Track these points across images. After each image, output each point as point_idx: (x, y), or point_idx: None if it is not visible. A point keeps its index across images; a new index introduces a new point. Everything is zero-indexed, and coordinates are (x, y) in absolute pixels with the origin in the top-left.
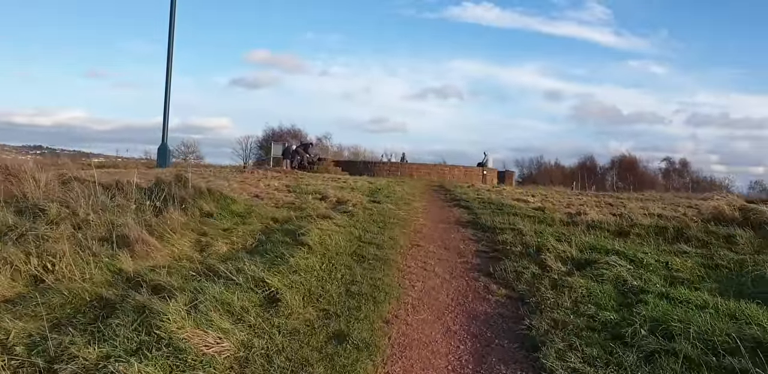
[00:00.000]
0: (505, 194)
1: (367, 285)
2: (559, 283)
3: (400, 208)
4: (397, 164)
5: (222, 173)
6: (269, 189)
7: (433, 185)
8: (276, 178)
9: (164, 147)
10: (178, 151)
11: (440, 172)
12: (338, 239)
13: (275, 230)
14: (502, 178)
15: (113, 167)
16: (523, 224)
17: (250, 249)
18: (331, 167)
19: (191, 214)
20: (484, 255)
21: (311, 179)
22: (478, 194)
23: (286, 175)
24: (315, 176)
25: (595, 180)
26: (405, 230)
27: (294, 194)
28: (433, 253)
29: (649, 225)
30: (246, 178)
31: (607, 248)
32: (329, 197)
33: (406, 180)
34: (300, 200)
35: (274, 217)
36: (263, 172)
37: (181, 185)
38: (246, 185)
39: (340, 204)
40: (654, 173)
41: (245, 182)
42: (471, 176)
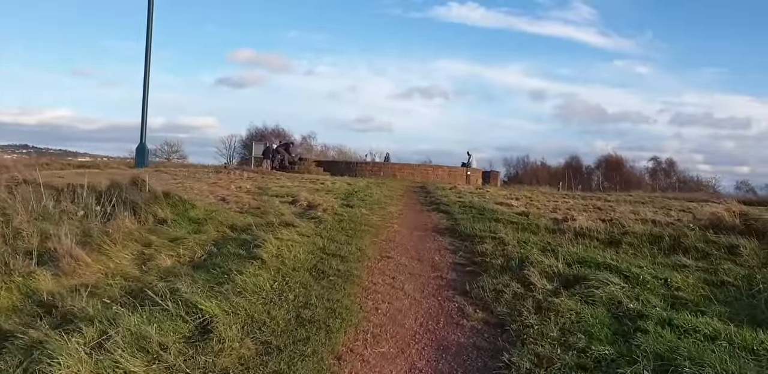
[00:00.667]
0: (488, 196)
1: (322, 308)
2: (544, 305)
3: (375, 213)
4: (379, 165)
5: (198, 173)
6: (239, 192)
7: (414, 187)
8: (251, 179)
9: (142, 147)
10: (162, 150)
11: (423, 172)
12: (298, 250)
13: (230, 240)
14: (487, 178)
15: (93, 167)
16: (506, 231)
17: (197, 263)
18: (313, 168)
19: (144, 221)
20: (461, 269)
21: (288, 181)
22: (460, 197)
23: (263, 176)
24: (293, 176)
25: (581, 180)
26: (376, 239)
27: (264, 198)
28: (405, 266)
29: (643, 233)
30: (220, 179)
31: (597, 261)
32: (299, 201)
33: (387, 181)
34: (267, 205)
35: (233, 224)
36: (240, 173)
37: (137, 188)
38: (216, 187)
39: (310, 208)
40: (640, 173)
41: (217, 183)
42: (455, 177)
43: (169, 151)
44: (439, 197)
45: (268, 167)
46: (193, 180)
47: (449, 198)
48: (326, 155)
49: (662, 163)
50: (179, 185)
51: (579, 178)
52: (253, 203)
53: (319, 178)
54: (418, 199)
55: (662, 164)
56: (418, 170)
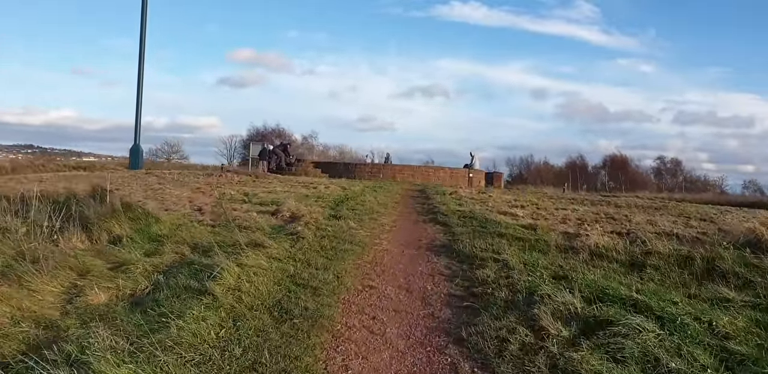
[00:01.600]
0: (491, 203)
1: (274, 370)
2: (560, 364)
3: (364, 226)
4: (379, 166)
5: (189, 176)
6: (222, 199)
7: (413, 191)
8: (241, 183)
9: (136, 148)
10: (162, 151)
11: (424, 174)
12: (262, 281)
13: (186, 266)
14: (490, 179)
15: (89, 168)
16: (510, 251)
17: (138, 298)
18: (311, 169)
19: (96, 239)
20: (457, 303)
21: (279, 185)
22: (460, 205)
23: (255, 179)
24: (287, 180)
25: (586, 179)
26: (360, 261)
27: (246, 206)
28: (389, 299)
29: (669, 254)
30: (208, 183)
31: (621, 295)
32: (282, 212)
33: (386, 184)
34: (244, 217)
35: (196, 244)
36: (232, 176)
37: (97, 199)
38: (198, 194)
39: (292, 220)
40: (646, 173)
41: (201, 189)
42: (457, 178)
43: (169, 151)
44: (437, 204)
45: (264, 169)
46: (178, 185)
47: (448, 206)
48: (327, 156)
49: (668, 162)
50: (160, 191)
51: (584, 178)
52: (230, 214)
53: (315, 181)
54: (414, 207)
55: (668, 163)
56: (419, 172)
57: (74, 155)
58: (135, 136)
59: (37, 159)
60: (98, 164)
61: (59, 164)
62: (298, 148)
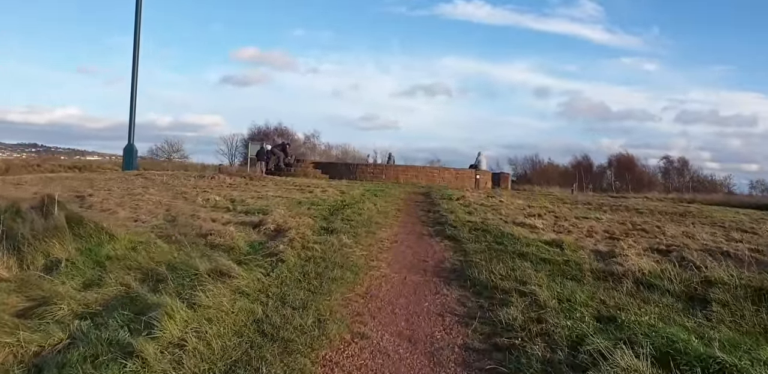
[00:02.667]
0: (504, 211)
1: None
2: None
3: (359, 242)
4: (381, 167)
5: (179, 178)
6: (205, 206)
7: (417, 194)
8: (231, 187)
9: (130, 148)
10: (162, 150)
11: (429, 175)
12: (218, 331)
13: (126, 305)
14: (496, 181)
15: (85, 168)
16: (538, 279)
17: (42, 361)
18: (310, 170)
19: (29, 263)
20: (478, 363)
21: (273, 188)
22: (470, 213)
23: (249, 182)
24: (284, 181)
25: (592, 179)
26: (351, 294)
27: (228, 215)
28: (386, 357)
29: (736, 285)
30: (196, 187)
31: (699, 353)
32: (266, 223)
33: (388, 186)
34: (221, 230)
35: (149, 270)
36: (224, 178)
37: (41, 213)
38: (179, 200)
39: (276, 235)
40: (652, 172)
41: (185, 194)
42: (463, 180)
43: (169, 150)
44: (444, 212)
45: (262, 170)
46: (163, 189)
47: (457, 215)
48: (329, 155)
49: (674, 162)
50: (139, 196)
51: (590, 177)
52: (205, 227)
53: (313, 183)
54: (419, 215)
55: (674, 163)
56: (423, 173)
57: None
58: (129, 135)
59: (33, 159)
60: (96, 163)
61: (54, 164)
62: (300, 147)
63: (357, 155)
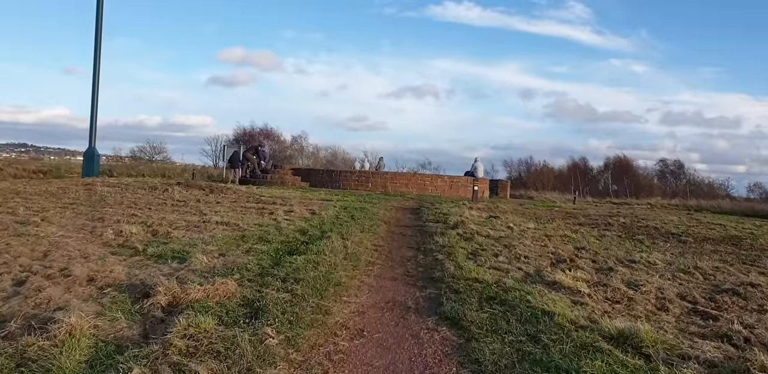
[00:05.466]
0: (520, 249)
1: None
2: None
3: (297, 340)
4: (367, 174)
5: (126, 191)
6: (109, 245)
7: (406, 211)
8: (178, 205)
9: (91, 152)
10: (144, 151)
11: (420, 184)
12: None
13: None
14: (494, 189)
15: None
16: None
17: None
18: (288, 177)
19: None
20: None
21: (227, 207)
22: (475, 255)
23: (206, 196)
24: (251, 194)
25: (588, 182)
26: None
27: (124, 265)
28: None
29: None
30: (132, 205)
31: None
32: (158, 295)
33: (373, 200)
34: (60, 320)
35: None
36: (179, 190)
37: None
38: (71, 239)
39: (164, 319)
40: (649, 176)
41: (103, 220)
42: (458, 189)
43: (151, 152)
44: (440, 253)
45: (235, 179)
46: (77, 213)
47: (457, 260)
48: (317, 157)
49: (670, 165)
50: (30, 227)
51: (586, 181)
52: (51, 302)
53: (283, 197)
54: (404, 262)
55: (670, 166)
56: (414, 182)
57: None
58: (90, 139)
59: None
60: (64, 166)
61: (18, 168)
62: (287, 149)
63: (346, 157)
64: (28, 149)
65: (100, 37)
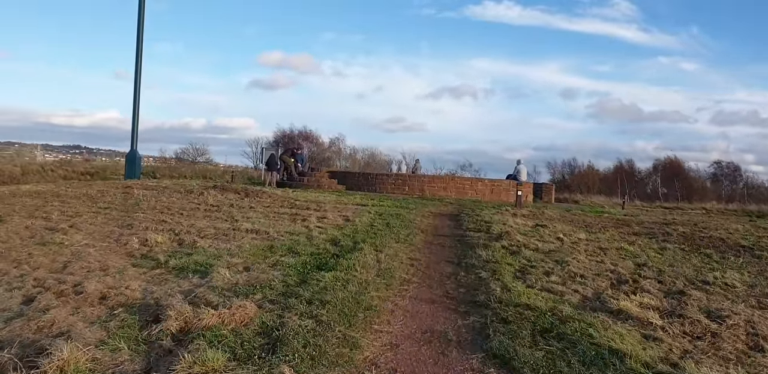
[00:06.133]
0: (574, 266)
1: None
2: None
3: None
4: (404, 177)
5: (164, 193)
6: (132, 255)
7: (445, 218)
8: (210, 210)
9: (133, 155)
10: (186, 153)
11: (459, 187)
12: None
13: None
14: (539, 193)
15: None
16: None
17: None
18: (325, 180)
19: None
20: None
21: (260, 213)
22: (524, 272)
23: (242, 199)
24: (286, 198)
25: (635, 185)
26: None
27: (142, 280)
28: None
29: None
30: (165, 210)
31: None
32: (168, 319)
33: (409, 205)
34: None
35: None
36: (215, 194)
37: None
38: (94, 248)
39: (171, 350)
40: (702, 178)
41: (132, 227)
42: (499, 193)
43: (194, 154)
44: (484, 270)
45: (272, 182)
46: (108, 218)
47: (504, 280)
48: (355, 160)
49: (725, 167)
50: (59, 233)
51: (633, 184)
52: (60, 322)
53: (318, 201)
54: (442, 280)
55: (725, 168)
56: (452, 185)
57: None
58: (132, 142)
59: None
60: (111, 167)
61: (68, 169)
62: (325, 151)
63: (384, 159)
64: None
65: (141, 43)
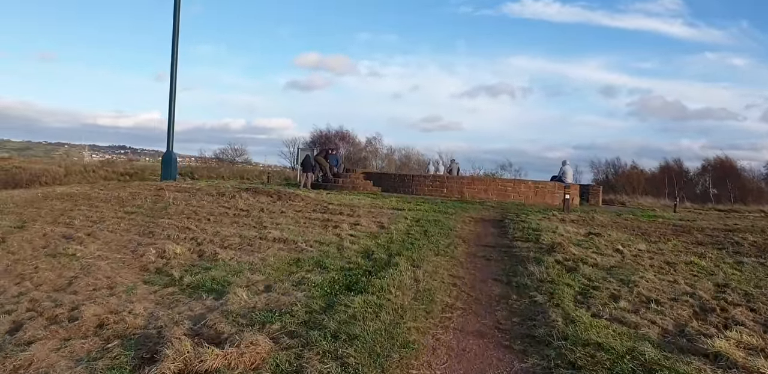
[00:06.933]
0: (643, 286)
1: None
2: None
3: None
4: (442, 179)
5: (195, 196)
6: (146, 269)
7: (487, 223)
8: (239, 215)
9: (169, 156)
10: (225, 154)
11: (501, 189)
12: None
13: None
14: (584, 194)
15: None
16: None
17: None
18: (360, 181)
19: None
20: None
21: (290, 218)
22: (586, 296)
23: (274, 203)
24: (317, 203)
25: (683, 186)
26: None
27: (149, 301)
28: None
29: None
30: (192, 216)
31: None
32: (165, 360)
33: (448, 209)
34: None
35: None
36: (246, 197)
37: None
38: (105, 261)
39: None
40: (756, 179)
41: (153, 235)
42: (544, 195)
43: (233, 154)
44: (539, 292)
45: (307, 183)
46: (131, 224)
47: (564, 306)
48: (391, 160)
49: None
50: (78, 245)
51: (681, 184)
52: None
53: (352, 204)
54: (490, 302)
55: None
56: (494, 187)
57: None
58: (168, 143)
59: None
60: (150, 168)
61: (109, 170)
62: (361, 151)
63: (420, 158)
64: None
65: (176, 47)
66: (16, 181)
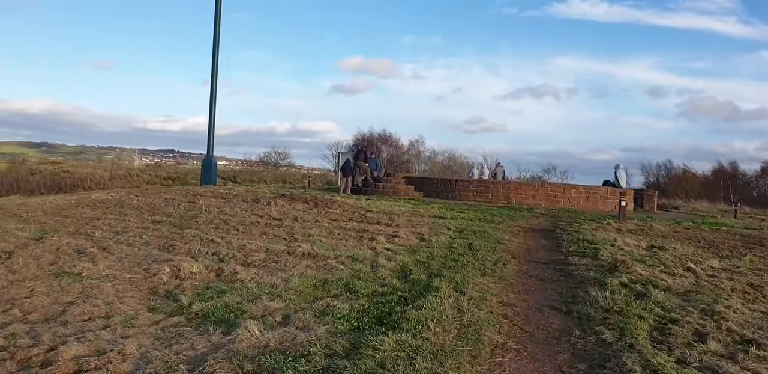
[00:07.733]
0: (733, 320)
1: None
2: None
3: None
4: (487, 184)
5: (230, 202)
6: (155, 293)
7: (537, 233)
8: (272, 225)
9: (209, 161)
10: (269, 157)
11: (550, 195)
12: None
13: None
14: (639, 201)
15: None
16: None
17: None
18: (401, 186)
19: None
20: None
21: (323, 230)
22: (658, 323)
23: (311, 210)
24: (358, 208)
25: (740, 189)
26: None
27: (145, 342)
28: None
29: None
30: (222, 226)
31: None
32: None
33: (494, 216)
34: None
35: None
36: (282, 204)
37: None
38: (112, 282)
39: None
40: None
41: (173, 249)
42: (596, 201)
43: (276, 158)
44: (604, 323)
45: (347, 186)
46: (155, 235)
47: (638, 343)
48: (434, 162)
49: None
50: (88, 262)
51: (737, 188)
52: None
53: (388, 213)
54: (549, 334)
55: None
56: (542, 192)
57: None
58: (208, 148)
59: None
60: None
61: (152, 174)
62: (404, 154)
63: (464, 161)
64: (175, 155)
65: (217, 54)
66: (59, 186)
